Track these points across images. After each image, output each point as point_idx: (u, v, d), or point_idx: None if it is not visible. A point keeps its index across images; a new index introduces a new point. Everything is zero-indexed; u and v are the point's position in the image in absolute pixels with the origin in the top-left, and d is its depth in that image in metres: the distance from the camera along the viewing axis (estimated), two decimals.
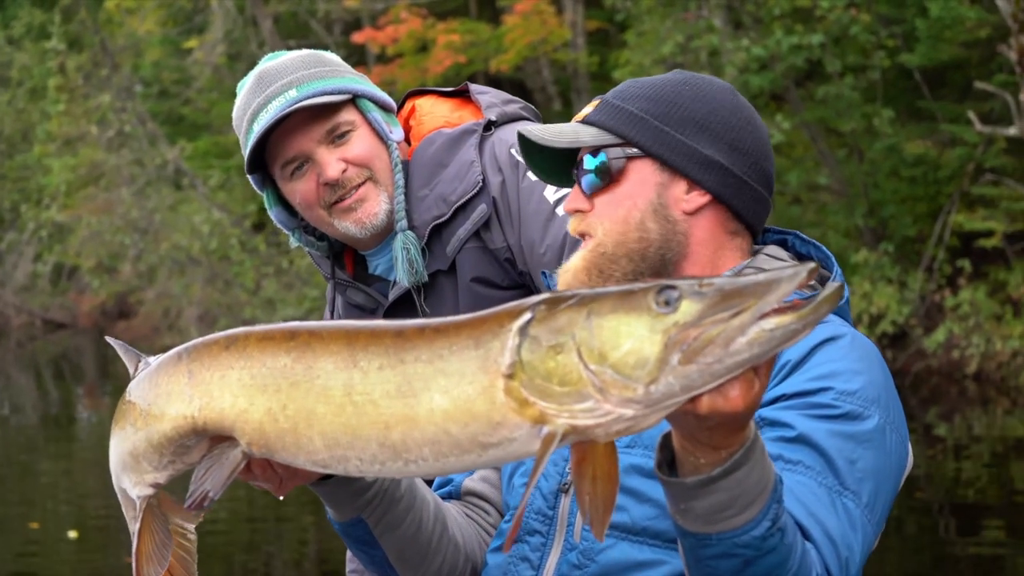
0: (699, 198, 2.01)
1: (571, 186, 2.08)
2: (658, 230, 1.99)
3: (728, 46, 16.04)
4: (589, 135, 2.01)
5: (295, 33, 23.99)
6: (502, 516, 2.17)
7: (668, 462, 1.64)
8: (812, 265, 1.43)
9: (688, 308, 1.43)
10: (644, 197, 1.99)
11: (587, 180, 2.01)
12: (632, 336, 1.44)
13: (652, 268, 1.99)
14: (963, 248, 16.15)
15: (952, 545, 7.88)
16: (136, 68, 28.49)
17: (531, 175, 2.57)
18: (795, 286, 1.41)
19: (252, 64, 2.70)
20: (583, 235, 2.01)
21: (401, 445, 1.57)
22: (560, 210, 2.55)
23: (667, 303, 1.44)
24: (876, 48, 16.27)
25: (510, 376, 1.50)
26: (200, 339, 1.77)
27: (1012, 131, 14.86)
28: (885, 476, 1.89)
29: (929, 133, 16.42)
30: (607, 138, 2.00)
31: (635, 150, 1.99)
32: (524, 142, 2.07)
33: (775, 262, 2.04)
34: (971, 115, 15.14)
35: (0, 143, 31.33)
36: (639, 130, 1.99)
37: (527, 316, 1.51)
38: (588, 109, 2.06)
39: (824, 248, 2.07)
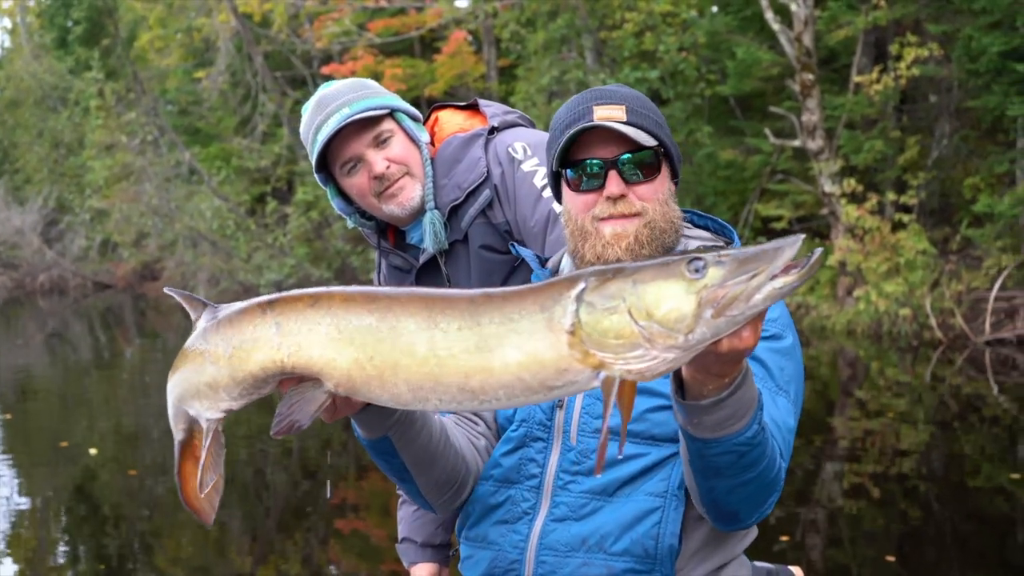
0: (673, 188, 1.98)
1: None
2: (676, 210, 1.94)
3: (591, 79, 16.01)
4: (640, 137, 1.87)
5: (281, 66, 23.42)
6: (487, 425, 2.05)
7: (676, 388, 1.58)
8: (803, 236, 1.38)
9: (714, 273, 1.37)
10: (666, 186, 1.92)
11: (632, 172, 1.88)
12: (672, 297, 1.38)
13: (676, 238, 1.93)
14: (763, 228, 16.40)
15: None
16: (162, 92, 27.69)
17: (523, 167, 2.46)
18: (795, 252, 1.35)
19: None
20: (633, 215, 1.88)
21: (479, 390, 1.47)
22: (545, 193, 2.43)
23: (697, 271, 1.38)
24: (699, 81, 16.38)
25: (572, 333, 1.42)
26: (282, 295, 1.58)
27: (796, 143, 15.12)
28: (799, 379, 1.88)
29: (738, 144, 16.56)
30: (650, 140, 1.88)
31: (661, 151, 1.91)
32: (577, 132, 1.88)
33: (695, 231, 1.99)
34: (767, 131, 15.38)
35: (62, 148, 30.21)
36: (665, 136, 1.91)
37: (582, 285, 1.43)
38: (618, 112, 1.89)
39: (719, 219, 2.02)
